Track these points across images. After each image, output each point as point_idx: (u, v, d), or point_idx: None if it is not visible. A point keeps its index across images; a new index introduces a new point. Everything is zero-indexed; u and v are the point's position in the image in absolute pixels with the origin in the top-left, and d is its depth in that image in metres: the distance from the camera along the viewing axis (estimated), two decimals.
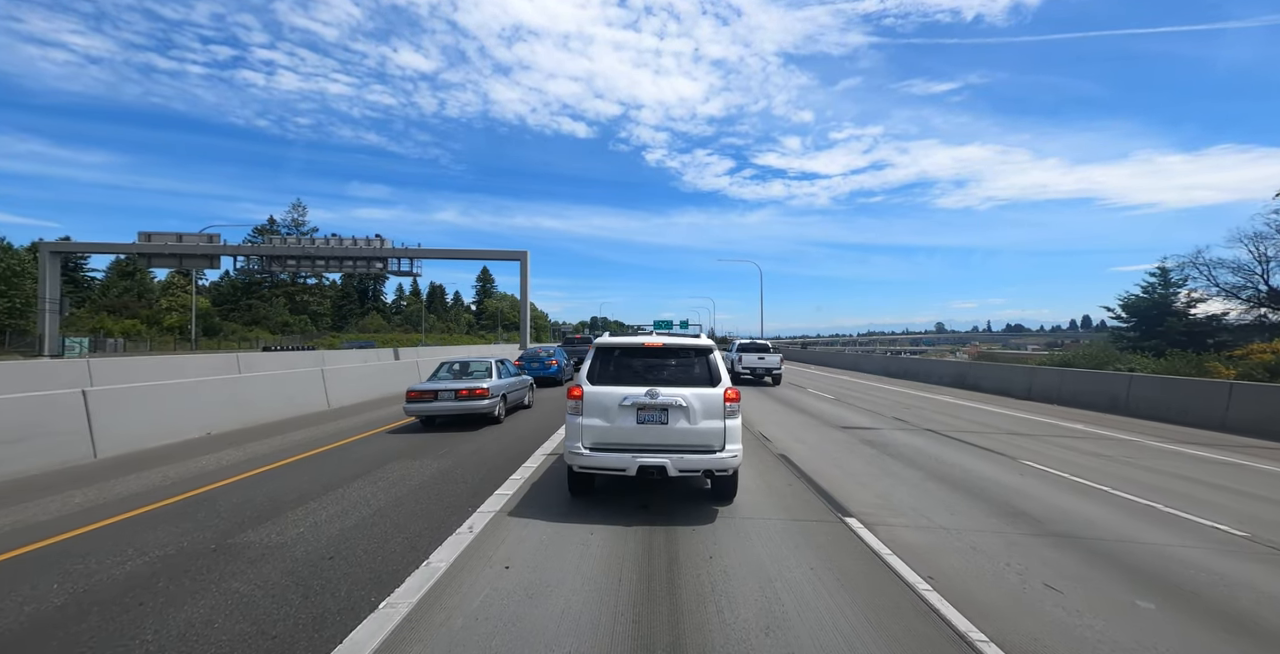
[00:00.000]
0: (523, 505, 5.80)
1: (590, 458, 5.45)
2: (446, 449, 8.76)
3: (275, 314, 74.05)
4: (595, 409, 5.54)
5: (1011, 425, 11.71)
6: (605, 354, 5.98)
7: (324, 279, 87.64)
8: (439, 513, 5.59)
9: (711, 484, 6.07)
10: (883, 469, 7.57)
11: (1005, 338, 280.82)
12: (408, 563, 4.27)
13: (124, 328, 45.07)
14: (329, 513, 5.56)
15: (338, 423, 11.59)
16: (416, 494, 6.27)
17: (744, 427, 11.39)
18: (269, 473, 7.27)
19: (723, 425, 5.48)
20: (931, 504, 6.00)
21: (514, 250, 40.66)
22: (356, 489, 6.46)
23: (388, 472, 7.31)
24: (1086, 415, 13.32)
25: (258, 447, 9.01)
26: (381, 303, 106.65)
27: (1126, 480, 7.09)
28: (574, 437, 5.57)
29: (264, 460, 8.00)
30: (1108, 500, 6.25)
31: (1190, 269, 26.70)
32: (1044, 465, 7.87)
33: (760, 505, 5.87)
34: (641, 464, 5.32)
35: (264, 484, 6.71)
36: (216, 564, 4.30)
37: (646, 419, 5.48)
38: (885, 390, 19.96)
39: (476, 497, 6.13)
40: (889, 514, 5.62)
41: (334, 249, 37.71)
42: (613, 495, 6.14)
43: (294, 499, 6.04)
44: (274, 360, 27.34)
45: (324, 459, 8.11)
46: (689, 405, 5.46)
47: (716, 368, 5.82)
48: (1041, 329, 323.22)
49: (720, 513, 5.59)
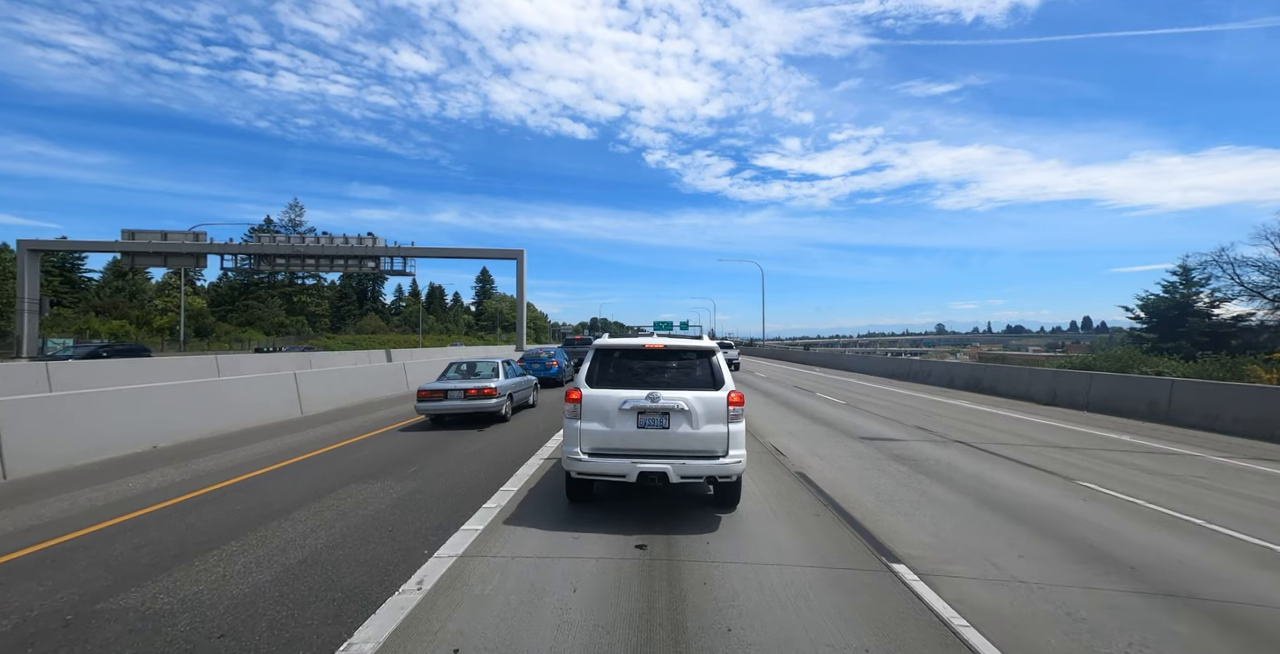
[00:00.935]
0: (500, 541, 4.70)
1: (589, 463, 5.25)
2: (419, 466, 7.66)
3: (271, 315, 72.94)
4: (594, 413, 5.33)
5: (1048, 435, 10.61)
6: (604, 356, 5.74)
7: (320, 279, 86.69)
8: (386, 557, 4.49)
9: (715, 490, 5.86)
10: (921, 493, 6.47)
11: (1005, 339, 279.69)
12: (321, 646, 3.18)
13: (111, 329, 43.91)
14: (246, 560, 4.45)
15: (306, 433, 10.49)
16: (366, 529, 5.17)
17: (754, 438, 10.32)
18: (198, 500, 6.17)
19: (726, 430, 5.27)
20: (993, 543, 4.90)
21: (510, 249, 39.49)
22: (295, 523, 5.35)
23: (341, 497, 6.22)
24: (1125, 424, 12.22)
25: (203, 464, 7.91)
26: (380, 304, 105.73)
27: (1215, 509, 5.99)
28: (572, 441, 5.35)
29: (201, 482, 6.90)
30: (1208, 538, 5.14)
31: (1212, 268, 25.60)
32: (1107, 488, 6.77)
33: (785, 546, 4.77)
34: (642, 470, 5.13)
35: (185, 515, 5.61)
36: (56, 651, 3.18)
37: (647, 423, 5.27)
38: (898, 394, 18.87)
39: (439, 532, 5.04)
40: (946, 558, 4.52)
41: (324, 247, 36.45)
42: (611, 520, 5.06)
43: (209, 539, 4.93)
44: (260, 362, 26.24)
45: (273, 479, 7.01)
46: (691, 409, 5.25)
47: (719, 370, 5.57)
48: (1042, 330, 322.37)
49: (739, 557, 4.50)
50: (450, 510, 5.73)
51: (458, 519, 5.42)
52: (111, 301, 49.39)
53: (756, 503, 6.01)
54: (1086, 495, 6.45)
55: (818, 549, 4.71)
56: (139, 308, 51.41)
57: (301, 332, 76.07)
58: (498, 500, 6.05)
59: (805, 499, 6.22)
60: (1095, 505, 6.06)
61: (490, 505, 5.86)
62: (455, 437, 10.05)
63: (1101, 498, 6.36)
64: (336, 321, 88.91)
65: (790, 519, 5.49)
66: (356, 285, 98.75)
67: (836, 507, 5.91)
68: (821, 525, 5.34)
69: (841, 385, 22.70)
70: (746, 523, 5.37)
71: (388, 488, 6.61)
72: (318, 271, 37.82)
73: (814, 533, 5.13)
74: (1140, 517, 5.72)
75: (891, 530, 5.18)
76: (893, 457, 8.54)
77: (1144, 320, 27.52)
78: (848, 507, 5.90)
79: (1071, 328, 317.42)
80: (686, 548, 4.71)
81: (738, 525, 5.29)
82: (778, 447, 9.18)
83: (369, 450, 8.87)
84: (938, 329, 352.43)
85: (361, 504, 5.96)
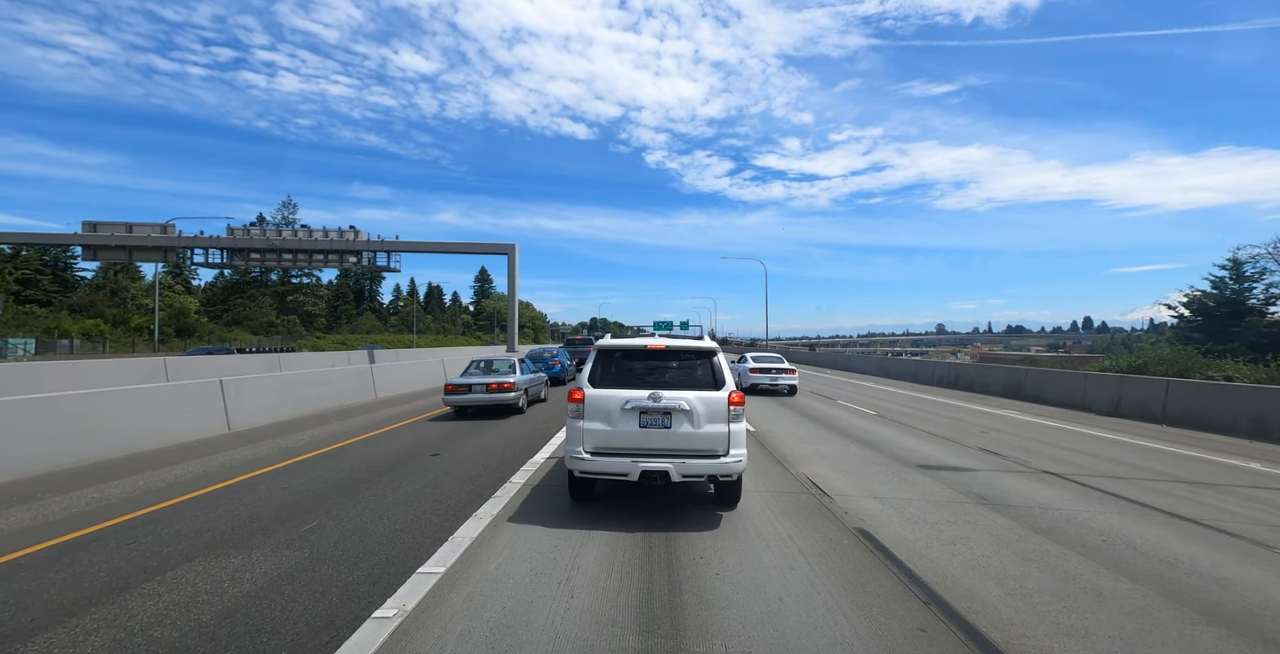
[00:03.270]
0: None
1: (591, 463, 5.30)
2: (335, 513, 5.45)
3: (260, 314, 70.75)
4: (597, 413, 5.38)
5: (1153, 462, 8.40)
6: (607, 356, 5.77)
7: (315, 277, 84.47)
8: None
9: (715, 490, 5.95)
10: (1065, 577, 4.21)
11: (1006, 339, 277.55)
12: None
13: (84, 328, 41.60)
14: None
15: (221, 457, 8.28)
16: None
17: (782, 466, 8.11)
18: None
19: (727, 429, 5.31)
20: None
21: (500, 244, 36.94)
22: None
23: (182, 574, 4.01)
24: (1228, 444, 10.00)
25: (27, 513, 5.69)
26: (378, 304, 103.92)
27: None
28: (575, 441, 5.39)
29: (13, 541, 4.68)
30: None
31: (1267, 261, 23.36)
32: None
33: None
34: (644, 469, 5.17)
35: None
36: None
37: (649, 423, 5.32)
38: (927, 401, 16.65)
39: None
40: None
41: (303, 241, 33.66)
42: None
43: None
44: (220, 365, 24.02)
45: (102, 542, 4.79)
46: (692, 409, 5.29)
47: (720, 370, 5.61)
48: (1043, 330, 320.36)
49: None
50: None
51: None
52: (88, 300, 47.08)
53: (811, 591, 3.79)
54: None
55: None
56: (118, 307, 49.04)
57: (294, 331, 73.91)
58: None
59: (885, 585, 3.99)
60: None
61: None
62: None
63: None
64: (333, 322, 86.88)
65: (880, 638, 3.26)
66: (354, 285, 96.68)
67: (946, 606, 3.69)
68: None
69: (860, 390, 20.50)
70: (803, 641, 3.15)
71: (258, 562, 4.38)
72: (296, 267, 35.27)
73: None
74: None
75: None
76: (976, 498, 6.32)
77: (1189, 319, 25.23)
78: (965, 609, 3.67)
79: (1072, 328, 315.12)
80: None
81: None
82: (816, 481, 6.96)
83: (299, 476, 6.65)
84: (938, 329, 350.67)
85: (197, 598, 3.74)
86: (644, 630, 3.32)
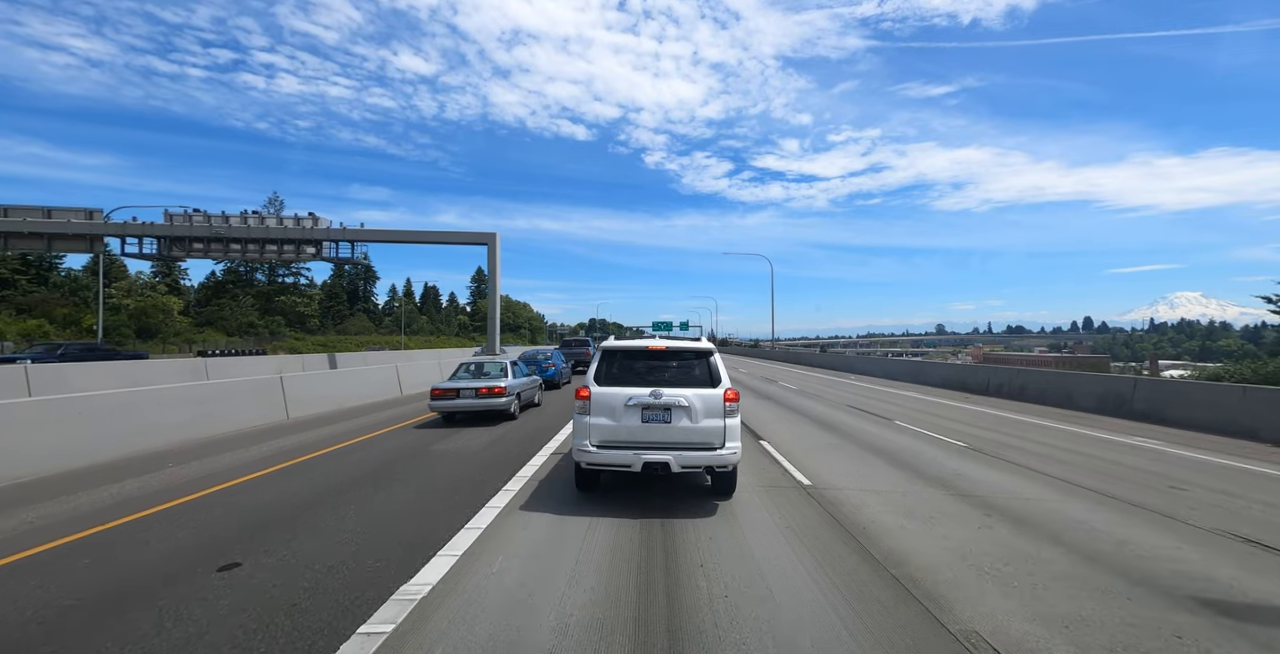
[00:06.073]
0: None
1: (597, 455, 5.67)
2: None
3: (239, 315, 67.55)
4: (602, 409, 5.75)
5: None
6: (611, 356, 6.14)
7: (306, 276, 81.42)
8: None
9: (712, 480, 6.37)
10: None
11: (1007, 339, 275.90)
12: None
13: (25, 329, 38.30)
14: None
15: (80, 497, 5.25)
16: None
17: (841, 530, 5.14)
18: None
19: (723, 424, 5.69)
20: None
21: (479, 232, 33.68)
22: None
23: None
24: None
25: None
26: (372, 304, 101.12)
27: None
28: (582, 435, 5.77)
29: None
30: None
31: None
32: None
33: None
34: (646, 461, 5.54)
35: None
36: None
37: (651, 418, 5.69)
38: (1016, 422, 13.66)
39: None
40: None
41: (252, 230, 30.11)
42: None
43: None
44: (162, 368, 20.97)
45: None
46: (691, 405, 5.67)
47: (717, 369, 5.98)
48: (1043, 330, 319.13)
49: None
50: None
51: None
52: (38, 298, 43.79)
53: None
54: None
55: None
56: (71, 306, 45.75)
57: (277, 332, 70.73)
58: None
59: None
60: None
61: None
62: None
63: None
64: (326, 323, 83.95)
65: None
66: (347, 285, 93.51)
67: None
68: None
69: (886, 397, 17.48)
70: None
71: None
72: (245, 259, 32.10)
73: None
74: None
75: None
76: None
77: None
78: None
79: (1072, 328, 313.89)
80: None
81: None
82: (909, 573, 3.93)
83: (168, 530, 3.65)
84: (937, 329, 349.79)
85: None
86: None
